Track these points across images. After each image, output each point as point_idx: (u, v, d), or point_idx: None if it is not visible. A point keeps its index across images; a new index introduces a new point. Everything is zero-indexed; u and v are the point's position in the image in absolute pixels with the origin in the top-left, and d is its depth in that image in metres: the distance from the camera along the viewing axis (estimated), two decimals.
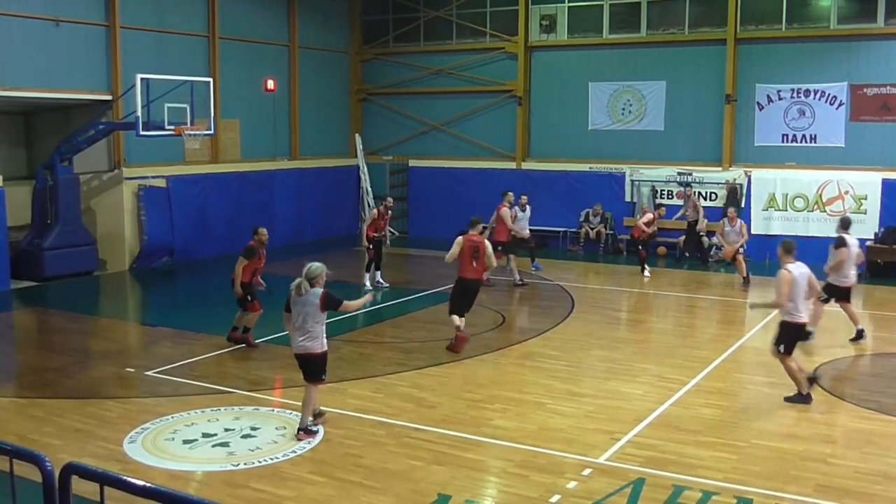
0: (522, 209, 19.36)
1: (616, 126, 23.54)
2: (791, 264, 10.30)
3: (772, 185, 21.38)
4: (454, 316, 12.78)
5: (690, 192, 21.79)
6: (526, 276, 18.58)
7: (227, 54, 22.35)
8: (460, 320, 12.77)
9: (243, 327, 12.80)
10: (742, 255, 17.98)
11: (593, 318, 15.27)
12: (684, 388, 10.91)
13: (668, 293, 17.79)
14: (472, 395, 10.70)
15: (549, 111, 24.45)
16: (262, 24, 23.65)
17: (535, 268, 19.75)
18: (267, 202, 23.26)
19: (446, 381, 11.42)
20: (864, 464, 8.44)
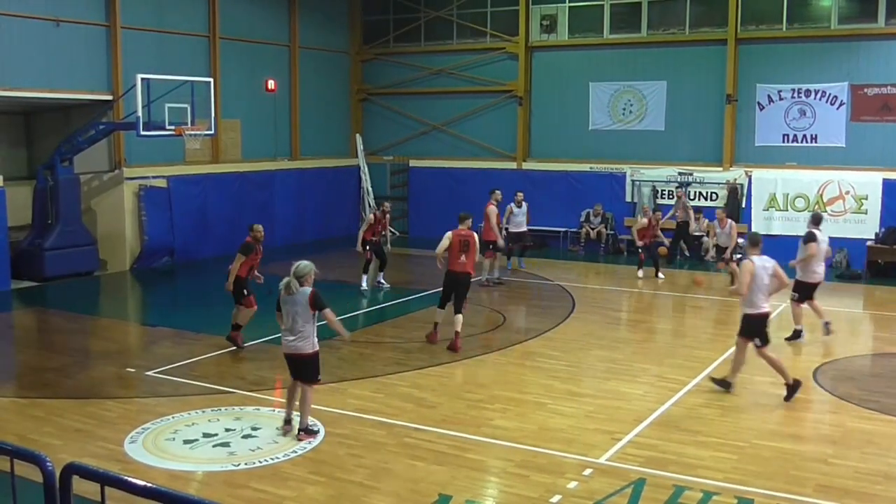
0: (518, 206, 19.44)
1: (617, 126, 23.54)
2: (756, 256, 10.51)
3: (772, 186, 21.38)
4: (439, 309, 13.20)
5: (681, 192, 21.80)
6: (527, 274, 18.57)
7: (228, 54, 22.36)
8: (441, 317, 13.15)
9: (235, 324, 12.73)
10: (734, 259, 17.20)
11: (594, 319, 15.27)
12: (685, 388, 10.91)
13: (668, 293, 17.79)
14: (473, 395, 10.70)
15: (549, 111, 24.45)
16: (262, 24, 23.66)
17: (520, 265, 19.76)
18: (267, 202, 23.27)
19: (446, 382, 11.43)
20: (864, 464, 8.44)
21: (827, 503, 7.55)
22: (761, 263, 10.48)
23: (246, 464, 8.42)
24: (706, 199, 22.10)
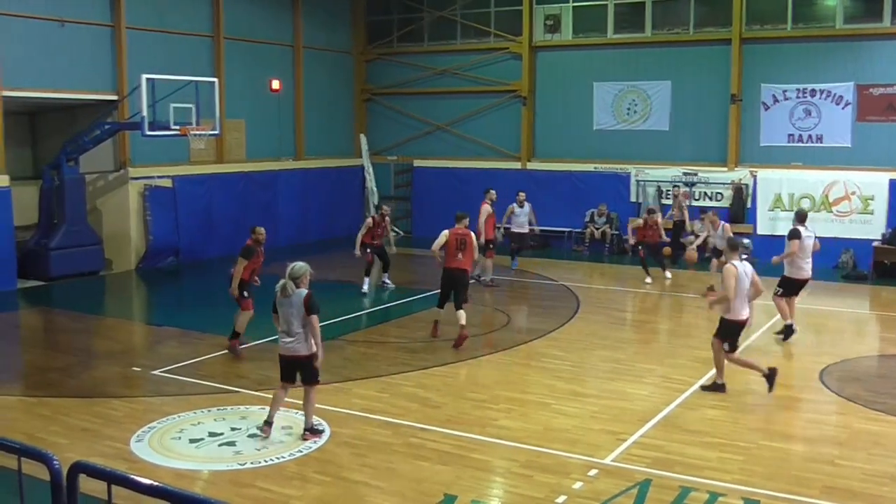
0: (520, 206, 19.52)
1: (621, 126, 23.52)
2: (736, 261, 10.57)
3: (777, 186, 21.33)
4: (438, 309, 13.45)
5: (677, 191, 21.75)
6: (531, 274, 18.56)
7: (232, 54, 22.38)
8: (442, 315, 13.39)
9: (233, 332, 12.51)
10: (721, 261, 16.98)
11: (598, 319, 15.25)
12: (690, 389, 10.89)
13: (672, 294, 17.73)
14: (477, 395, 10.70)
15: (553, 111, 24.44)
16: (266, 25, 23.68)
17: (513, 265, 19.76)
18: (271, 202, 23.29)
19: (451, 382, 11.43)
20: (871, 465, 8.42)
21: None
22: (742, 269, 10.57)
23: (252, 463, 8.43)
24: (711, 199, 22.06)
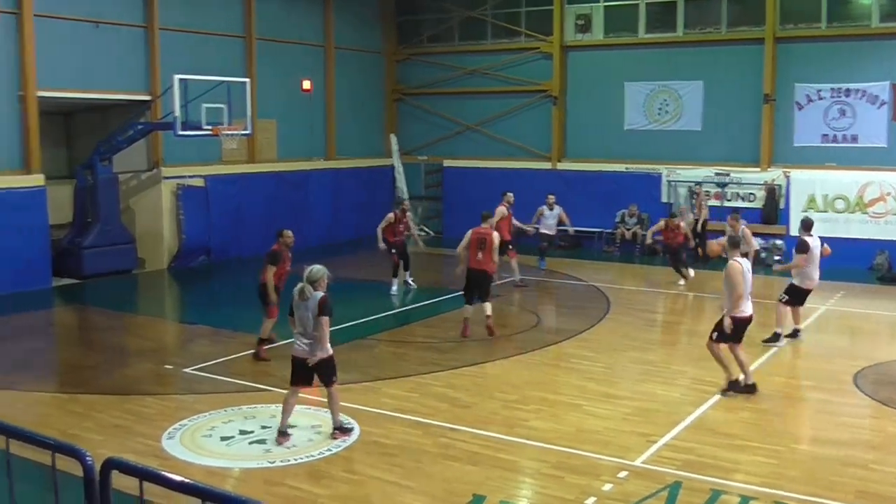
0: (550, 208, 19.51)
1: (652, 126, 23.38)
2: (739, 258, 10.60)
3: (811, 186, 21.08)
4: (467, 306, 13.70)
5: (699, 190, 21.72)
6: (561, 275, 18.47)
7: (264, 55, 22.51)
8: (470, 311, 13.64)
9: (259, 338, 12.39)
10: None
11: (629, 320, 15.17)
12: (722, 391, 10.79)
13: (704, 294, 17.57)
14: (507, 395, 10.68)
15: (584, 111, 24.34)
16: (297, 25, 23.79)
17: (541, 265, 19.76)
18: (302, 202, 23.38)
19: (481, 382, 11.42)
20: None
21: None
22: (747, 266, 10.64)
23: (282, 461, 8.47)
24: (743, 200, 21.86)
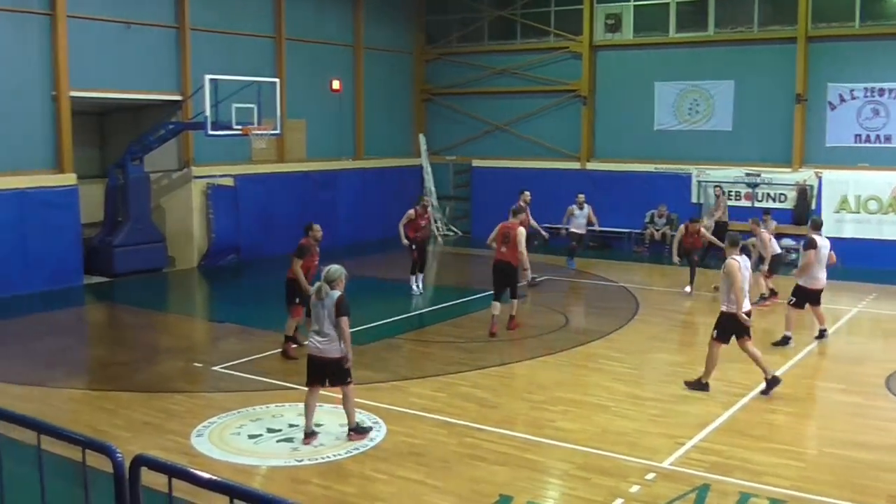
0: (580, 207, 19.57)
1: (682, 126, 23.23)
2: (737, 255, 10.67)
3: (844, 187, 20.85)
4: (495, 302, 13.87)
5: (719, 191, 21.65)
6: (590, 276, 18.38)
7: (293, 55, 22.61)
8: (498, 308, 13.77)
9: (285, 336, 12.42)
10: (762, 271, 15.90)
11: (657, 321, 15.08)
12: (751, 394, 10.70)
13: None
14: (535, 396, 10.66)
15: (613, 111, 24.23)
16: (327, 25, 23.89)
17: (569, 265, 19.73)
18: (331, 202, 23.46)
19: (508, 382, 11.40)
20: None
21: None
22: (744, 264, 10.71)
23: (309, 459, 8.51)
24: (774, 200, 21.67)
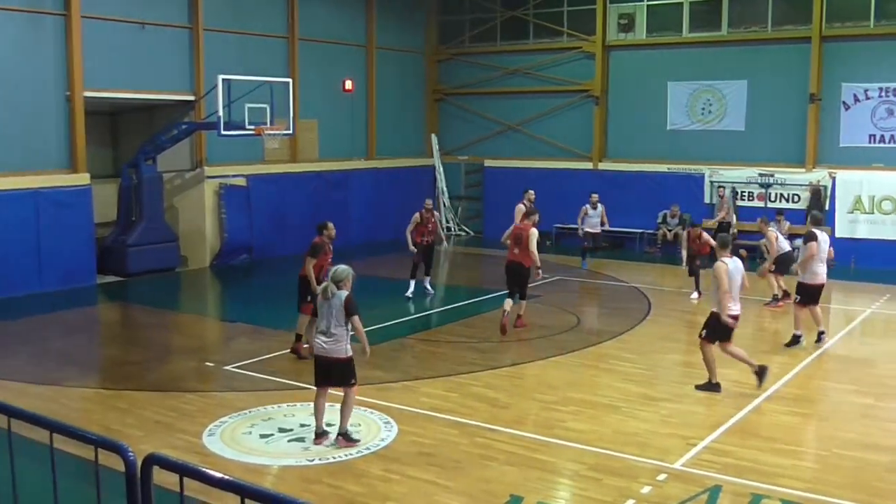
0: (594, 207, 19.59)
1: (695, 126, 23.16)
2: (727, 258, 10.68)
3: (857, 187, 20.76)
4: (507, 300, 14.05)
5: (722, 191, 21.65)
6: (602, 276, 18.35)
7: (306, 55, 22.65)
8: (510, 304, 13.95)
9: (296, 334, 12.35)
10: (764, 268, 15.33)
11: (669, 322, 15.04)
12: (764, 395, 10.66)
13: (745, 297, 17.33)
14: (546, 396, 10.64)
15: (626, 111, 24.18)
16: (340, 26, 23.91)
17: (583, 266, 19.79)
18: (343, 202, 23.48)
19: (520, 382, 11.39)
20: None
21: None
22: (734, 265, 10.68)
23: (320, 459, 8.52)
24: (788, 201, 21.58)
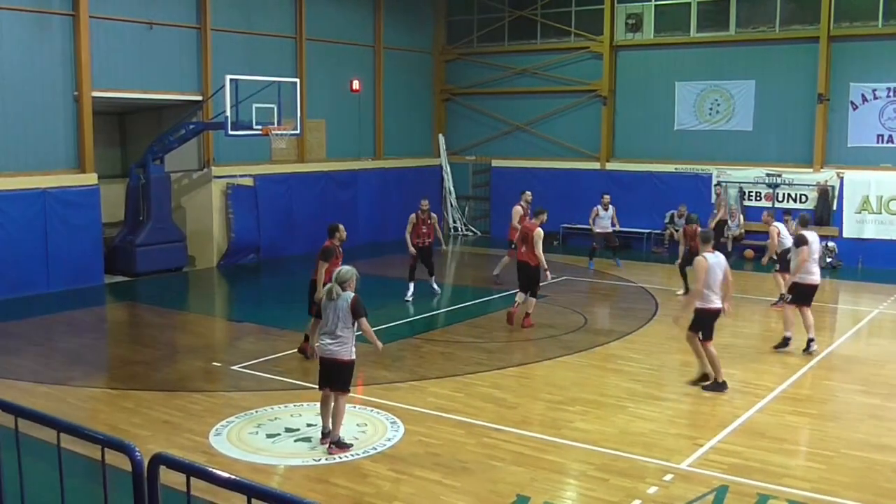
0: (605, 208, 19.64)
1: (703, 126, 23.12)
2: (709, 253, 10.80)
3: (865, 188, 20.70)
4: (518, 293, 14.38)
5: (720, 190, 21.69)
6: (610, 276, 18.32)
7: (314, 55, 22.68)
8: (521, 297, 14.25)
9: (305, 334, 12.31)
10: (763, 263, 15.43)
11: None
12: (771, 395, 10.65)
13: (752, 297, 17.33)
14: (553, 396, 10.64)
15: (634, 111, 24.15)
16: (347, 26, 23.93)
17: (617, 264, 20.02)
18: (351, 201, 23.53)
19: (527, 382, 11.39)
20: None
21: None
22: (715, 260, 10.78)
23: (326, 459, 8.53)
24: (795, 201, 21.52)
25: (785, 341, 12.82)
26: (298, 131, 19.73)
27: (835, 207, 20.99)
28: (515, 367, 12.01)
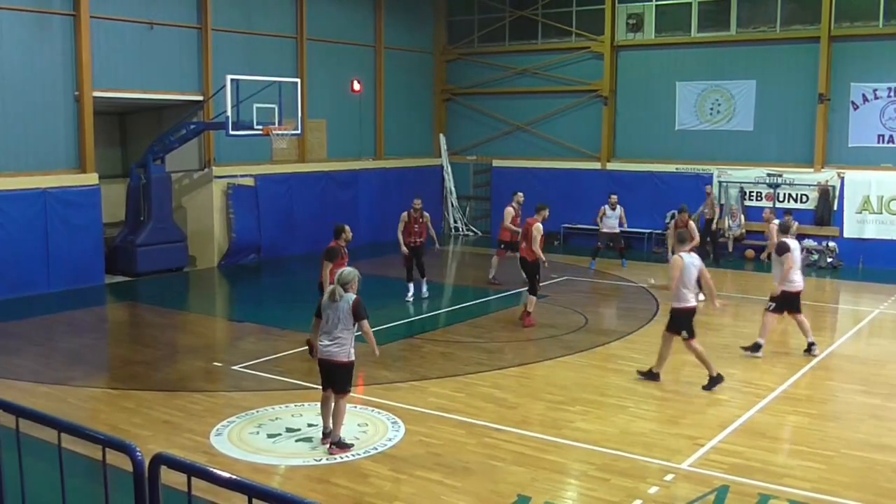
0: (613, 208, 19.69)
1: (704, 126, 23.12)
2: (684, 252, 10.87)
3: (866, 188, 20.69)
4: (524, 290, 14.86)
5: (709, 189, 21.71)
6: (611, 276, 18.33)
7: (314, 55, 22.69)
8: (529, 298, 14.42)
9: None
10: (763, 260, 15.32)
11: None
12: (772, 395, 10.65)
13: (753, 297, 17.33)
14: (554, 396, 10.64)
15: (634, 111, 24.15)
16: (348, 26, 23.94)
17: (623, 265, 20.11)
18: (351, 201, 23.54)
19: (527, 382, 11.39)
20: None
21: None
22: (690, 260, 10.85)
23: (327, 459, 8.53)
24: (796, 201, 21.52)
25: (756, 346, 12.54)
26: (299, 131, 19.73)
27: (835, 207, 20.98)
28: (516, 367, 12.01)
